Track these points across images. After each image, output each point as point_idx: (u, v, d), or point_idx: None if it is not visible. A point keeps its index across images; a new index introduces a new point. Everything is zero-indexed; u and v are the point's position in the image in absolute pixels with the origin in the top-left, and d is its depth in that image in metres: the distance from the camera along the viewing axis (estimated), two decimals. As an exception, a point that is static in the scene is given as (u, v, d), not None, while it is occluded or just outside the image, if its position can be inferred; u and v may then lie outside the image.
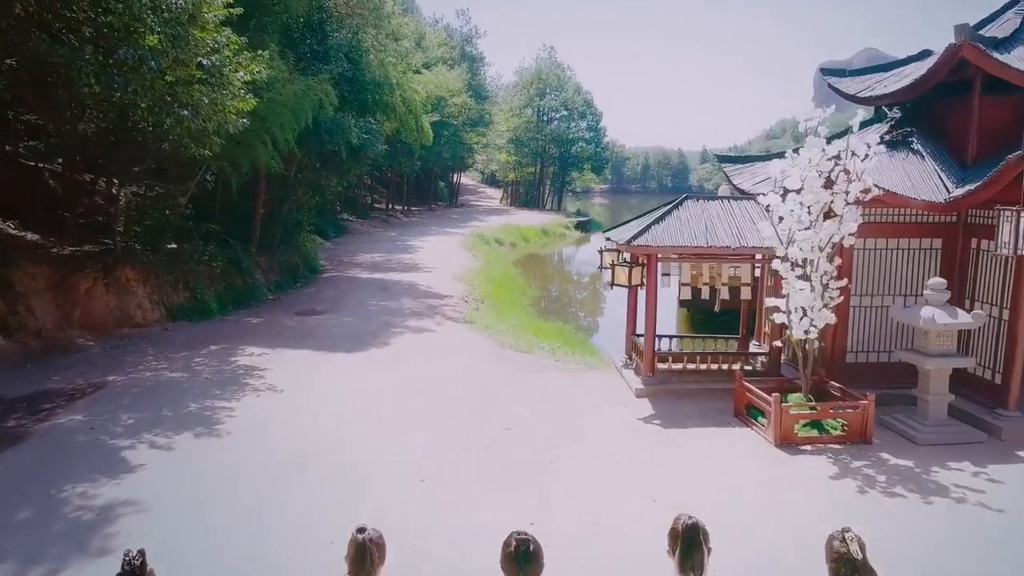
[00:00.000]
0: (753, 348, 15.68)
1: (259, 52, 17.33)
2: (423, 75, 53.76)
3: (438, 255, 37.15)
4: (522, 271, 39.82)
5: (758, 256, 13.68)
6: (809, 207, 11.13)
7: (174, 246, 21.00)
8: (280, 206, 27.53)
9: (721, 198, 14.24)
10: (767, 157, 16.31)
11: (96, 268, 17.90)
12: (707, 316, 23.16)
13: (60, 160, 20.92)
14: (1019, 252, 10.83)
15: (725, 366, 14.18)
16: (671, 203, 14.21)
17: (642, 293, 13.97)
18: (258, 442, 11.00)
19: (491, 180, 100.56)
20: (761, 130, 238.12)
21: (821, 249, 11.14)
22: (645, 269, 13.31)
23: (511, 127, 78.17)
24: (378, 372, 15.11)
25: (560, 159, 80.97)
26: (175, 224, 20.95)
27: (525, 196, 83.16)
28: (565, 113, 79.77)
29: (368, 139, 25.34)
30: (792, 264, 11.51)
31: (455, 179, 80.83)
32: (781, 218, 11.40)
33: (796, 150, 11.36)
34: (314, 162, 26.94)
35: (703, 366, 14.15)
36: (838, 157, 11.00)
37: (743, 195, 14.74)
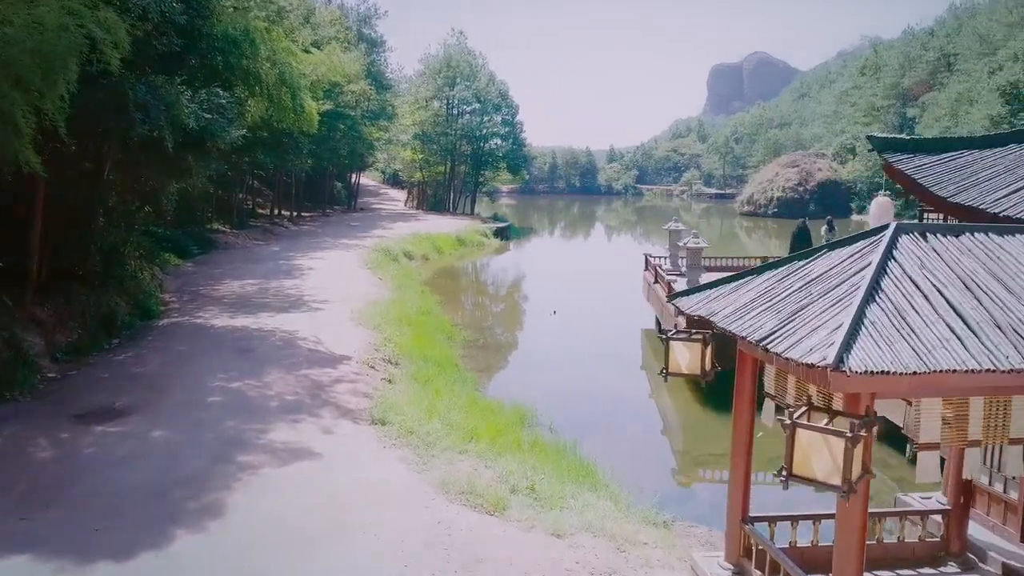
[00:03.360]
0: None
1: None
2: (313, 55, 44.28)
3: (333, 280, 28.16)
4: (442, 297, 31.30)
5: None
6: None
7: None
8: (84, 223, 18.04)
9: (970, 230, 6.25)
10: (970, 142, 8.47)
11: None
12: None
13: None
14: None
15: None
16: (859, 240, 6.19)
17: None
18: None
19: (394, 180, 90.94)
20: (665, 127, 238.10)
21: None
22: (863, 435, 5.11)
23: (417, 121, 69.02)
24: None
25: (473, 157, 72.40)
26: None
27: (433, 198, 74.17)
28: (478, 105, 71.18)
29: (214, 120, 16.28)
30: None
31: (354, 180, 71.07)
32: None
33: None
34: (135, 155, 17.64)
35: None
36: None
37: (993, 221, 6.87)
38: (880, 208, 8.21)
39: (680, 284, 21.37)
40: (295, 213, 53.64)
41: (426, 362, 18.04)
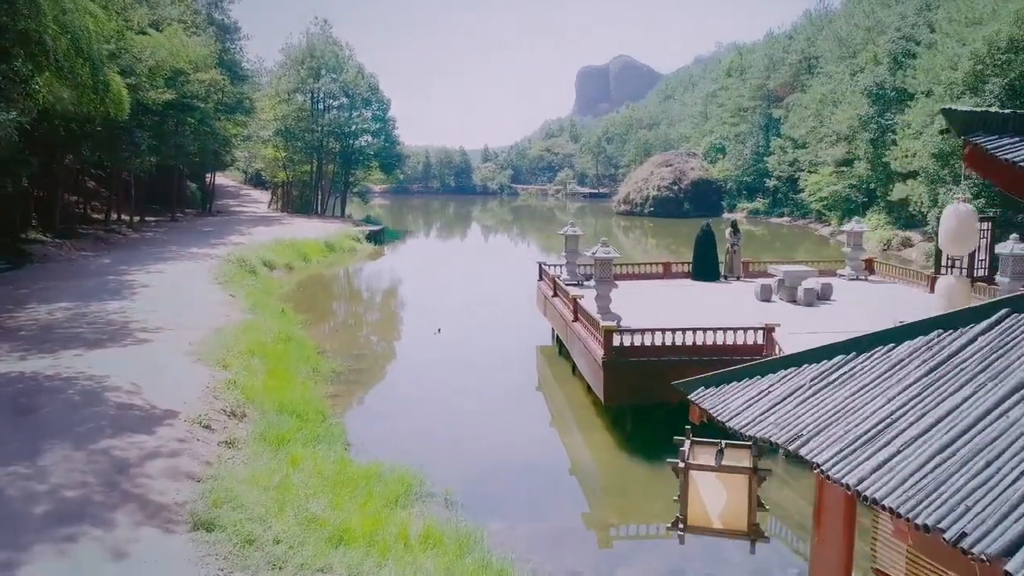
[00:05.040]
0: None
1: None
2: (150, 36, 38.53)
3: (172, 300, 23.48)
4: (308, 315, 27.13)
5: None
6: None
7: None
8: None
9: None
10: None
11: None
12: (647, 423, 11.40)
13: None
14: None
15: None
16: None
17: None
18: None
19: (257, 181, 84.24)
20: (537, 128, 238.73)
21: None
22: None
23: (279, 115, 63.36)
24: None
25: (342, 155, 67.33)
26: None
27: (300, 200, 68.57)
28: (346, 100, 66.20)
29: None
30: None
31: (210, 180, 64.50)
32: None
33: None
34: None
35: None
36: None
37: None
38: (960, 220, 5.44)
39: (588, 300, 18.43)
40: (137, 218, 47.20)
41: (281, 413, 14.12)
